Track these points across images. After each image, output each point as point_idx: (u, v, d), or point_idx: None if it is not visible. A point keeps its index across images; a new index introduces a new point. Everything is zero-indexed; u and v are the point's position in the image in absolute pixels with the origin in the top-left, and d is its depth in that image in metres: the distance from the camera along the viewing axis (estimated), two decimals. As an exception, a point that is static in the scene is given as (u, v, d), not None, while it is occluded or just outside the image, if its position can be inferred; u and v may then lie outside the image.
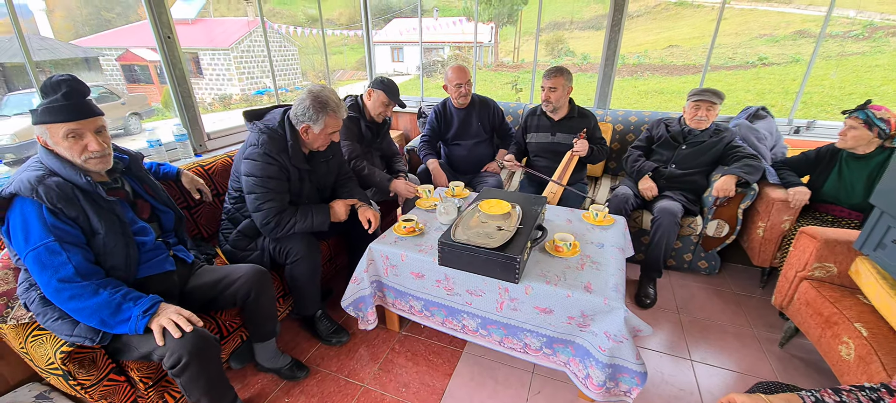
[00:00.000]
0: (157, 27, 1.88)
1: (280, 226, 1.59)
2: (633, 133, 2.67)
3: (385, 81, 2.13)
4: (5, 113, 7.39)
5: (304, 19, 28.82)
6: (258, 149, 1.55)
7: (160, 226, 1.46)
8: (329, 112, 1.58)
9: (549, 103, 2.23)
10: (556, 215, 1.92)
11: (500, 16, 23.36)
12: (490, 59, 21.91)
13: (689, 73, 14.69)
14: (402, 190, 2.15)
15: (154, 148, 1.90)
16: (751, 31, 18.88)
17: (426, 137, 2.60)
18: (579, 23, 25.07)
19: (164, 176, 1.71)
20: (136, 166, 1.43)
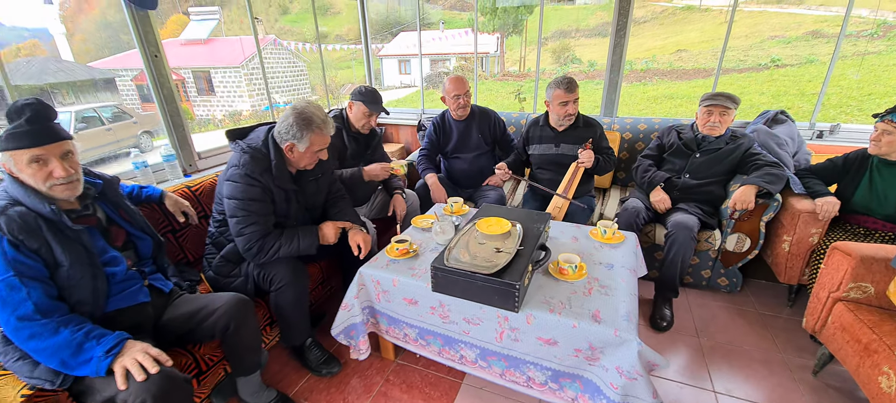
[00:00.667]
0: (144, 46, 1.82)
1: (263, 251, 1.49)
2: (642, 141, 2.53)
3: (363, 91, 2.05)
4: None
5: (313, 36, 29.34)
6: (239, 170, 1.46)
7: (136, 254, 1.38)
8: (314, 129, 1.49)
9: (571, 117, 2.10)
10: (561, 232, 1.79)
11: (505, 26, 23.44)
12: (496, 68, 21.92)
13: (700, 77, 14.43)
14: (377, 171, 2.06)
15: (140, 170, 1.84)
16: (761, 32, 18.63)
17: (425, 151, 2.50)
18: (585, 30, 25.03)
19: (147, 199, 1.63)
20: (110, 191, 1.35)
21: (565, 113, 2.07)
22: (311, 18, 25.21)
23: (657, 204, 2.06)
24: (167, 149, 1.94)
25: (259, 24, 22.26)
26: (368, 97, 2.03)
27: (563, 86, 2.03)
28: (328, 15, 34.18)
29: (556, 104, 2.07)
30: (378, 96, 2.06)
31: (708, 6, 24.02)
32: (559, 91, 2.04)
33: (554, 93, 2.07)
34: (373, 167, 2.06)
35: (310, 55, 20.27)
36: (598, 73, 17.54)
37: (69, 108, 8.45)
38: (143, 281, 1.34)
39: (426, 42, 20.53)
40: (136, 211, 1.39)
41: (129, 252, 1.36)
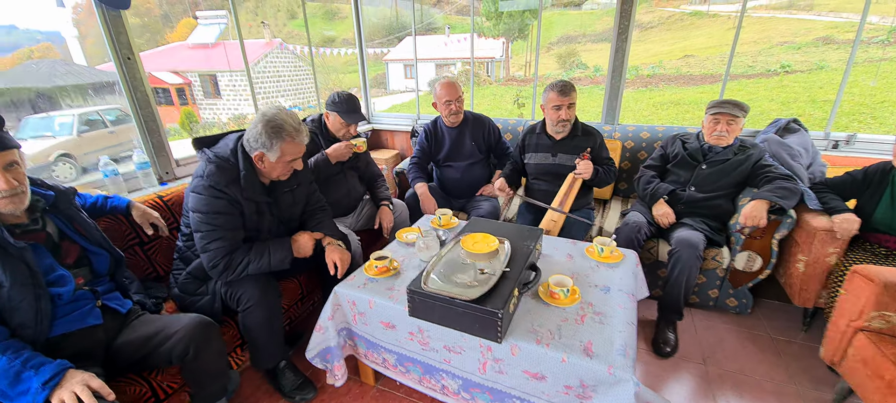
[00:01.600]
0: (116, 48, 1.73)
1: (230, 268, 1.38)
2: (645, 151, 2.40)
3: (337, 100, 1.93)
4: (22, 136, 7.56)
5: (321, 40, 29.50)
6: (204, 181, 1.35)
7: (91, 271, 1.28)
8: (285, 137, 1.38)
9: (565, 123, 1.97)
10: (555, 249, 1.66)
11: (510, 31, 23.38)
12: (502, 73, 21.84)
13: (707, 83, 14.22)
14: (342, 150, 1.92)
15: (109, 178, 1.74)
16: (770, 38, 18.47)
17: (416, 159, 2.38)
18: (592, 35, 24.91)
19: (112, 210, 1.54)
20: (63, 203, 1.25)
21: (558, 118, 1.94)
22: (318, 23, 25.60)
23: (660, 219, 1.92)
24: (140, 156, 1.85)
25: (266, 28, 22.45)
26: (343, 106, 1.92)
27: (556, 88, 1.91)
28: (336, 19, 34.40)
29: (550, 108, 1.95)
30: (355, 104, 1.95)
31: (716, 11, 23.83)
32: (553, 94, 1.92)
33: (548, 97, 1.95)
34: (336, 147, 1.93)
35: (315, 58, 20.33)
36: (602, 78, 17.37)
37: (73, 111, 8.47)
38: (96, 302, 1.23)
39: (431, 47, 20.50)
40: (92, 224, 1.29)
41: (84, 269, 1.26)
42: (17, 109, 13.20)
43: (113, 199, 1.55)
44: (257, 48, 18.27)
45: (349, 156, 1.95)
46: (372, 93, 3.53)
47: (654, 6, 25.51)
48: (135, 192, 1.84)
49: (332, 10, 36.24)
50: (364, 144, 1.99)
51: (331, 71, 21.89)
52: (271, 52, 18.26)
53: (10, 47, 22.08)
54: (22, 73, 14.27)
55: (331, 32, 31.87)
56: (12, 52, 21.61)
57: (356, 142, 1.96)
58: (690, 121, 10.32)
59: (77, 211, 1.28)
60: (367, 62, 3.42)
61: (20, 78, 13.83)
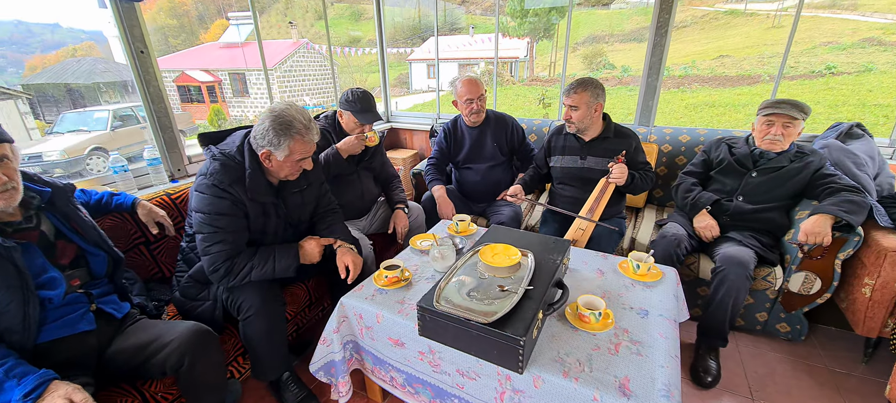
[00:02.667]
0: (129, 41, 1.69)
1: (232, 274, 1.29)
2: (684, 155, 2.19)
3: (350, 99, 1.83)
4: (59, 130, 7.92)
5: (346, 40, 29.92)
6: (207, 179, 1.27)
7: (89, 272, 1.22)
8: (294, 135, 1.29)
9: (571, 124, 1.83)
10: (584, 263, 1.50)
11: (535, 30, 23.01)
12: (525, 73, 21.53)
13: (744, 85, 13.52)
14: (352, 143, 1.81)
15: (118, 174, 1.70)
16: (812, 38, 17.57)
17: (434, 160, 2.26)
18: (619, 35, 24.27)
19: (117, 207, 1.48)
20: (60, 200, 1.19)
21: (566, 117, 1.83)
22: (344, 23, 26.12)
23: (702, 232, 1.73)
24: (151, 152, 1.80)
25: (293, 28, 22.93)
26: (357, 105, 1.82)
27: (564, 88, 1.82)
28: (362, 20, 34.84)
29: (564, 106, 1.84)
30: (369, 102, 1.84)
31: (754, 10, 22.79)
32: (562, 94, 1.83)
33: (564, 100, 1.84)
34: (347, 140, 1.82)
35: (340, 58, 20.66)
36: (631, 79, 16.81)
37: (108, 107, 8.81)
38: (90, 306, 1.17)
39: (455, 47, 20.41)
40: (90, 223, 1.23)
41: (80, 270, 1.20)
42: (58, 104, 13.94)
43: (119, 197, 1.49)
44: (284, 48, 18.65)
45: (361, 149, 1.85)
46: (395, 93, 3.44)
47: (687, 5, 24.63)
48: (145, 189, 1.80)
49: (358, 10, 36.71)
50: (377, 136, 1.88)
51: (355, 70, 22.14)
52: (297, 51, 18.61)
53: (54, 45, 23.42)
54: (63, 70, 15.04)
55: (357, 33, 32.30)
56: (56, 50, 22.91)
57: (368, 134, 1.85)
58: (726, 124, 9.80)
59: (75, 209, 1.21)
60: (392, 62, 3.34)
61: (61, 74, 14.57)
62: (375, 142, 1.87)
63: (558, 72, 21.47)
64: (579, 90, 1.75)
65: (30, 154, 6.94)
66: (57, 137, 7.70)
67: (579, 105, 1.76)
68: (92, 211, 1.41)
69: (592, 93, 1.74)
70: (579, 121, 1.79)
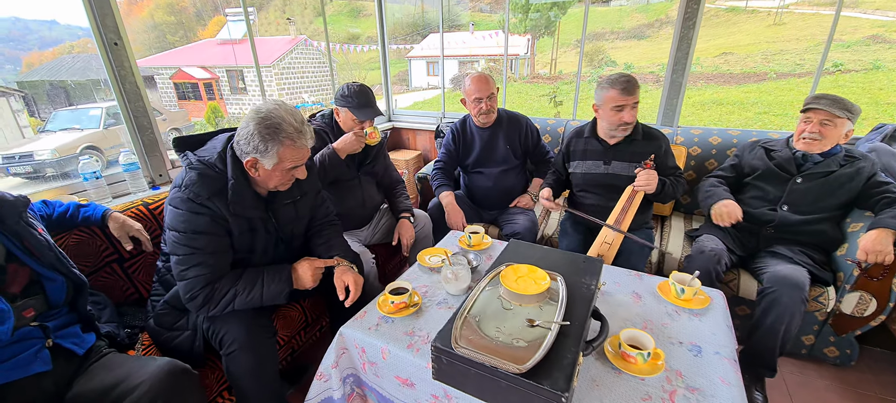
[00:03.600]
0: (100, 32, 1.50)
1: (212, 302, 1.11)
2: (715, 159, 2.01)
3: (347, 93, 1.64)
4: (51, 128, 7.72)
5: (345, 37, 29.70)
6: (181, 192, 1.09)
7: (45, 301, 1.04)
8: (283, 140, 1.10)
9: (627, 127, 1.61)
10: (616, 283, 1.32)
11: (537, 27, 22.80)
12: (526, 70, 21.33)
13: (751, 82, 13.33)
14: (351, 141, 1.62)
15: (89, 181, 1.51)
16: (815, 36, 17.51)
17: (441, 163, 2.08)
18: (620, 33, 24.10)
19: (84, 221, 1.30)
20: (10, 217, 1.00)
21: (620, 121, 1.59)
22: (343, 20, 26.04)
23: (722, 215, 1.55)
24: (127, 157, 1.61)
25: (292, 24, 22.70)
26: (355, 100, 1.63)
27: (618, 85, 1.55)
28: (361, 17, 34.60)
29: (609, 108, 1.59)
30: (367, 97, 1.66)
31: (755, 7, 22.64)
32: (613, 92, 1.56)
33: (606, 96, 1.59)
34: (344, 138, 1.63)
35: (339, 55, 20.47)
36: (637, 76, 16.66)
37: (101, 105, 8.60)
38: (45, 342, 0.99)
39: (455, 44, 20.20)
40: (45, 242, 1.04)
41: (36, 298, 1.02)
42: (54, 101, 13.72)
43: (87, 208, 1.31)
44: (282, 44, 18.42)
45: (361, 147, 1.66)
46: (394, 91, 3.26)
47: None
48: (120, 198, 1.61)
49: (357, 7, 36.44)
50: (378, 134, 1.69)
51: (354, 67, 21.91)
52: (296, 48, 18.39)
53: (51, 42, 23.17)
54: (58, 67, 14.81)
55: (355, 30, 32.09)
56: (53, 47, 22.67)
57: (368, 130, 1.66)
58: (735, 123, 9.62)
59: (27, 227, 1.03)
60: (391, 60, 3.16)
61: (56, 71, 14.36)
62: (376, 139, 1.69)
63: (559, 69, 21.27)
64: (636, 89, 1.56)
65: (21, 153, 6.74)
66: (49, 135, 7.49)
67: (638, 100, 1.58)
68: (54, 226, 1.23)
69: (639, 90, 1.57)
70: (634, 120, 1.61)
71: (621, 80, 1.54)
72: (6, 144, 8.32)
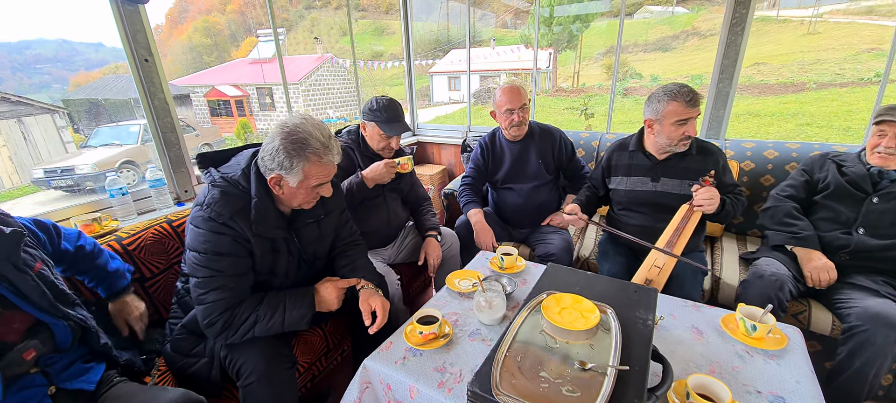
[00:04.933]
0: (132, 48, 1.50)
1: (231, 328, 1.04)
2: (771, 174, 1.83)
3: (375, 108, 1.58)
4: (93, 143, 8.12)
5: (370, 55, 30.54)
6: (203, 211, 1.03)
7: (52, 342, 0.94)
8: (309, 156, 1.03)
9: (686, 142, 1.45)
10: (671, 316, 1.17)
11: (559, 41, 22.71)
12: (548, 84, 21.19)
13: (788, 93, 12.73)
14: (381, 172, 1.55)
15: (115, 197, 1.50)
16: (852, 45, 16.80)
17: (469, 178, 1.98)
18: (643, 45, 23.70)
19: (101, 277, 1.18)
20: (11, 252, 0.89)
21: (683, 135, 1.44)
22: (368, 38, 26.85)
23: (815, 275, 1.37)
24: (154, 172, 1.60)
25: (319, 43, 23.47)
26: (382, 115, 1.57)
27: (682, 98, 1.39)
28: (385, 35, 35.56)
29: (670, 123, 1.43)
30: (396, 111, 1.59)
31: (786, 17, 21.87)
32: (677, 105, 1.40)
33: (667, 109, 1.43)
34: (375, 167, 1.56)
35: (363, 72, 20.98)
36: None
37: (140, 121, 9.01)
38: (48, 389, 0.91)
39: (476, 59, 20.32)
40: (35, 287, 0.92)
41: (37, 340, 0.92)
42: (98, 118, 14.56)
43: (114, 264, 1.19)
44: (310, 62, 19.02)
45: (391, 178, 1.59)
46: (417, 106, 3.22)
47: (715, 13, 23.87)
48: (146, 214, 1.59)
49: (381, 26, 37.49)
50: (410, 163, 1.62)
51: (378, 83, 22.37)
52: (322, 65, 18.95)
53: (97, 63, 24.82)
54: (103, 86, 15.74)
55: (379, 47, 32.94)
56: (99, 68, 24.25)
57: (400, 161, 1.59)
58: (773, 135, 9.15)
59: (18, 271, 0.90)
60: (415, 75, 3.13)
61: (100, 90, 15.26)
62: (409, 169, 1.62)
63: (582, 82, 21.01)
64: (699, 102, 1.42)
65: (62, 167, 7.09)
66: (90, 151, 7.88)
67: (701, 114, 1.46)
68: (68, 263, 1.13)
69: None
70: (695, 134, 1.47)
71: (685, 92, 1.40)
72: (50, 158, 8.81)
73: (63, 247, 1.10)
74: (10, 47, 22.59)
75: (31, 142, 8.58)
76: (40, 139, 8.78)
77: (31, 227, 1.04)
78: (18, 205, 1.59)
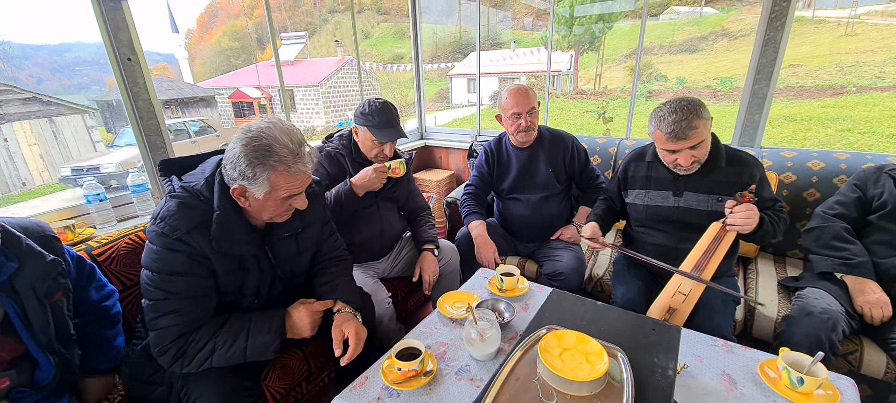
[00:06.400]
0: (113, 47, 1.43)
1: (185, 357, 0.93)
2: (815, 189, 1.61)
3: (367, 111, 1.45)
4: (119, 143, 8.37)
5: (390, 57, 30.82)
6: (156, 225, 0.92)
7: (29, 379, 0.88)
8: (274, 165, 0.91)
9: (688, 167, 1.25)
10: (695, 357, 0.99)
11: (581, 43, 22.27)
12: (569, 86, 20.78)
13: (826, 96, 12.01)
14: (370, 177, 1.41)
15: (93, 204, 1.42)
16: (891, 47, 15.96)
17: (471, 187, 1.83)
18: (669, 46, 22.96)
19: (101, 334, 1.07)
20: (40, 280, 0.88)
21: (673, 163, 1.28)
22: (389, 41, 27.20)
23: (867, 310, 1.16)
24: (135, 177, 1.52)
25: (339, 46, 23.84)
26: (375, 119, 1.43)
27: (665, 127, 1.20)
28: (405, 38, 35.83)
29: (661, 148, 1.28)
30: (390, 115, 1.46)
31: (822, 17, 20.79)
32: (658, 133, 1.23)
33: (654, 134, 1.27)
34: (363, 173, 1.42)
35: (384, 74, 21.17)
36: (692, 91, 15.62)
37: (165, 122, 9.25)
38: None
39: (496, 61, 20.13)
40: (43, 317, 0.88)
41: (21, 374, 0.87)
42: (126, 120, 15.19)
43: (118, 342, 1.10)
44: (331, 65, 19.28)
45: (381, 184, 1.46)
46: (435, 108, 3.10)
47: (746, 13, 22.94)
48: (126, 221, 1.52)
49: (402, 29, 37.83)
50: (402, 167, 1.48)
51: (398, 86, 22.49)
52: (342, 68, 19.18)
53: (131, 67, 25.92)
54: (133, 89, 16.30)
55: (401, 50, 33.19)
56: (133, 71, 25.32)
57: (391, 164, 1.46)
58: (812, 142, 8.58)
59: (36, 299, 0.87)
60: (433, 78, 3.05)
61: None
62: (401, 173, 1.48)
63: (604, 85, 20.50)
64: (697, 120, 1.17)
65: (88, 166, 7.32)
66: (116, 150, 8.12)
67: (704, 136, 1.21)
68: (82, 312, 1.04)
69: (706, 112, 1.21)
70: (704, 155, 1.26)
71: (669, 122, 1.19)
72: (79, 157, 9.14)
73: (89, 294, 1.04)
74: (50, 50, 23.83)
75: (61, 141, 8.93)
76: (71, 138, 9.13)
77: (70, 261, 1.00)
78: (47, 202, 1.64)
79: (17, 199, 7.87)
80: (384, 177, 1.44)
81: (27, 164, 8.21)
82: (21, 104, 8.31)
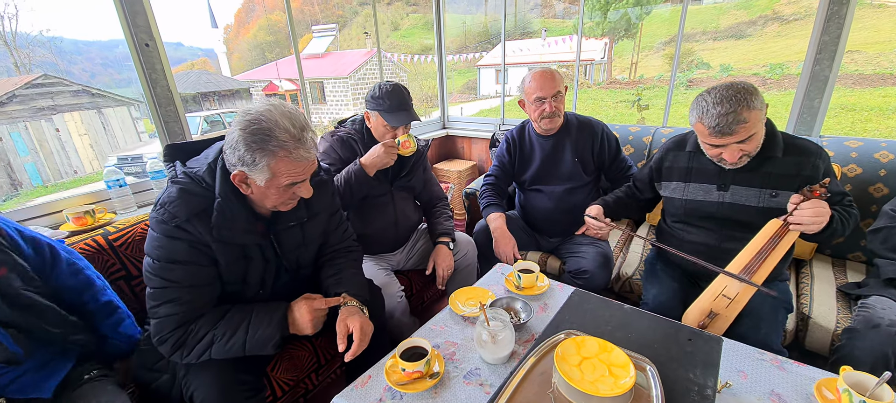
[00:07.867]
0: (132, 32, 1.43)
1: (185, 347, 0.90)
2: (884, 184, 1.41)
3: (377, 95, 1.38)
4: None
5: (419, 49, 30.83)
6: (157, 212, 0.90)
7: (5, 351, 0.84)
8: (274, 150, 0.86)
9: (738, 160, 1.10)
10: (738, 372, 0.87)
11: (616, 30, 21.37)
12: (602, 76, 20.02)
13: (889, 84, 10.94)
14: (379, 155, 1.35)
15: (113, 189, 1.44)
16: None
17: (491, 178, 1.74)
18: (713, 33, 21.59)
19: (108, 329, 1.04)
20: None
21: (717, 157, 1.13)
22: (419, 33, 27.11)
23: None
24: (155, 164, 1.53)
25: (368, 38, 24.05)
26: (385, 103, 1.36)
27: (708, 120, 1.05)
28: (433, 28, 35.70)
29: (703, 141, 1.14)
30: (401, 98, 1.38)
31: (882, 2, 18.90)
32: (700, 126, 1.09)
33: (695, 126, 1.13)
34: (372, 151, 1.36)
35: (413, 66, 21.19)
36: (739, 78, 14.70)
37: (199, 113, 9.64)
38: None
39: (525, 50, 19.66)
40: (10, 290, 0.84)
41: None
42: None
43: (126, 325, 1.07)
44: (359, 57, 19.49)
45: (393, 160, 1.39)
46: (462, 99, 3.02)
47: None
48: (146, 207, 1.53)
49: (430, 20, 37.63)
50: (413, 142, 1.40)
51: (426, 77, 22.47)
52: (371, 60, 19.34)
53: (176, 61, 27.31)
54: (178, 82, 17.28)
55: (429, 41, 33.08)
56: (178, 65, 26.65)
57: (400, 139, 1.38)
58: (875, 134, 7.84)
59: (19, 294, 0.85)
60: (461, 69, 2.97)
61: (178, 85, 16.81)
62: (411, 149, 1.40)
63: (640, 74, 19.60)
64: (747, 112, 1.01)
65: (132, 155, 7.73)
66: (157, 140, 8.54)
67: (755, 129, 1.05)
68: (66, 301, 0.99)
69: (759, 100, 1.04)
70: (756, 148, 1.10)
71: (713, 115, 1.03)
72: (125, 146, 9.68)
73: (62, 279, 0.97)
74: (101, 46, 25.36)
75: (109, 132, 9.48)
76: (118, 129, 9.68)
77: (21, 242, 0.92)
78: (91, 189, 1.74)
79: (68, 186, 8.44)
80: (394, 154, 1.37)
81: (78, 154, 8.78)
82: (71, 96, 8.87)
